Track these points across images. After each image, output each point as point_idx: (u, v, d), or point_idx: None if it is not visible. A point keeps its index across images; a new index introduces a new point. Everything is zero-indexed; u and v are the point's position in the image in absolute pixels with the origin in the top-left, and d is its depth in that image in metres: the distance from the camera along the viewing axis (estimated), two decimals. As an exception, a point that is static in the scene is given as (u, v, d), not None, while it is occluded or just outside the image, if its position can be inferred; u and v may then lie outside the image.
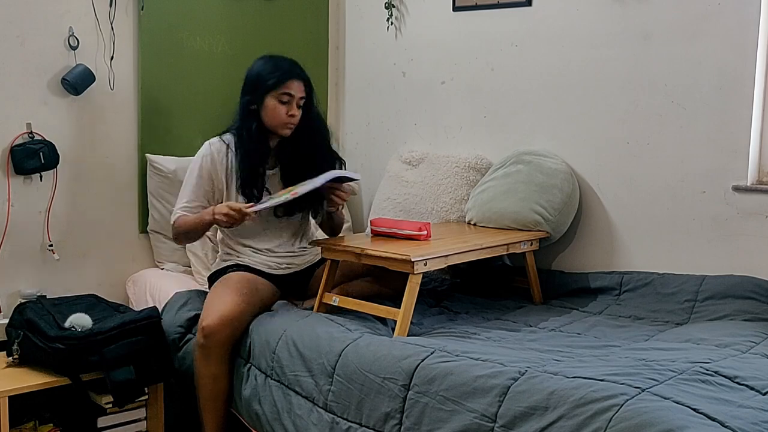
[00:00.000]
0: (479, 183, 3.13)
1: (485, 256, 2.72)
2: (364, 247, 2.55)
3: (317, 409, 2.28)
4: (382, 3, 3.60)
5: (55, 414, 2.81)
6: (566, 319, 2.64)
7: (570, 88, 3.04)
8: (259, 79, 2.73)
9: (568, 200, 2.93)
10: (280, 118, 2.72)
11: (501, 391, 1.90)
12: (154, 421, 2.87)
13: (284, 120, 2.72)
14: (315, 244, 2.78)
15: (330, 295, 2.64)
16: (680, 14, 2.74)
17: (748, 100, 2.63)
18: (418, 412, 2.02)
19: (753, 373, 1.93)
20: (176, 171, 3.22)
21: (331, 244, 2.66)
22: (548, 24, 3.08)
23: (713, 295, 2.61)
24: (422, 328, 2.57)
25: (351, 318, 2.54)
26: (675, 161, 2.79)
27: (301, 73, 2.76)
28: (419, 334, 2.47)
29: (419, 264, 2.43)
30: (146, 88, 3.22)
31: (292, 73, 2.73)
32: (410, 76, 3.57)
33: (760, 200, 2.62)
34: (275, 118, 2.72)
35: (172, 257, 3.28)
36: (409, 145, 3.52)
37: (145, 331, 2.71)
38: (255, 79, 2.74)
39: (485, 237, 2.79)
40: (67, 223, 3.07)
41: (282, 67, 2.74)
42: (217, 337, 2.53)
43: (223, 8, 3.42)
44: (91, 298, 3.01)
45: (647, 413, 1.66)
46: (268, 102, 2.71)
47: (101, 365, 2.61)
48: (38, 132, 2.94)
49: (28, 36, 2.92)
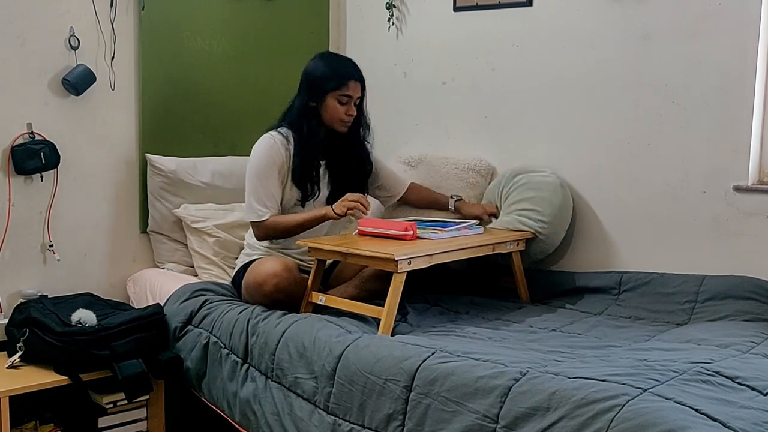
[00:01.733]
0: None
1: (470, 255, 2.73)
2: (349, 247, 2.57)
3: (318, 411, 2.28)
4: (382, 3, 3.60)
5: (55, 414, 2.81)
6: (567, 320, 2.64)
7: (570, 89, 3.04)
8: (320, 80, 2.88)
9: (558, 212, 2.93)
10: (339, 117, 2.89)
11: (503, 392, 1.90)
12: (155, 421, 2.87)
13: (343, 119, 2.90)
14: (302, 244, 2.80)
15: (317, 295, 2.67)
16: (680, 14, 2.75)
17: (748, 100, 2.63)
18: (420, 414, 2.02)
19: (754, 374, 1.93)
20: (176, 171, 3.22)
21: (317, 244, 2.69)
22: (549, 24, 3.08)
23: (714, 296, 2.61)
24: (422, 328, 2.57)
25: (350, 319, 2.54)
26: (675, 161, 2.79)
27: (359, 73, 2.92)
28: (419, 334, 2.47)
29: (403, 263, 2.45)
30: (147, 88, 3.22)
31: (352, 75, 2.89)
32: (411, 77, 3.57)
33: (761, 200, 2.63)
34: (334, 116, 2.89)
35: (172, 257, 3.28)
36: (410, 145, 3.52)
37: (152, 327, 2.78)
38: (315, 78, 2.89)
39: (471, 237, 2.80)
40: (68, 223, 3.07)
41: (342, 69, 2.90)
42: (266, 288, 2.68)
43: (224, 8, 3.42)
44: (89, 297, 3.03)
45: (649, 413, 1.66)
46: (329, 101, 2.88)
47: (111, 359, 2.65)
48: (39, 132, 2.94)
49: (28, 36, 2.91)
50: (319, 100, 2.88)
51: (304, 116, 2.89)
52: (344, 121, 2.91)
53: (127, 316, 2.77)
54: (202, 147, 3.37)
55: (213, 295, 2.89)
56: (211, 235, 3.17)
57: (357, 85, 2.90)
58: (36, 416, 2.76)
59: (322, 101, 2.88)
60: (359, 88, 2.91)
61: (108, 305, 2.96)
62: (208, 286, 2.97)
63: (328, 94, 2.87)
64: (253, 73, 3.52)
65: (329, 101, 2.88)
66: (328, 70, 2.88)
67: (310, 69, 2.93)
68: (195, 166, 3.29)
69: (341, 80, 2.86)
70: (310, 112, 2.90)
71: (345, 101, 2.88)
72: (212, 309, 2.78)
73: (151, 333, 2.77)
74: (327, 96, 2.87)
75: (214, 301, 2.83)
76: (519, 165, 3.11)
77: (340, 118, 2.89)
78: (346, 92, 2.87)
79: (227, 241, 3.18)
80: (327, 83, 2.86)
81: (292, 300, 2.72)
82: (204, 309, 2.80)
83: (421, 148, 3.45)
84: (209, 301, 2.83)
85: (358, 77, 2.91)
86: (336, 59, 2.99)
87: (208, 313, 2.77)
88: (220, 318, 2.71)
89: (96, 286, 3.14)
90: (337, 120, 2.90)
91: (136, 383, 2.67)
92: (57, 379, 2.63)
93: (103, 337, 2.66)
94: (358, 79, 2.90)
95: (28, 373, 2.66)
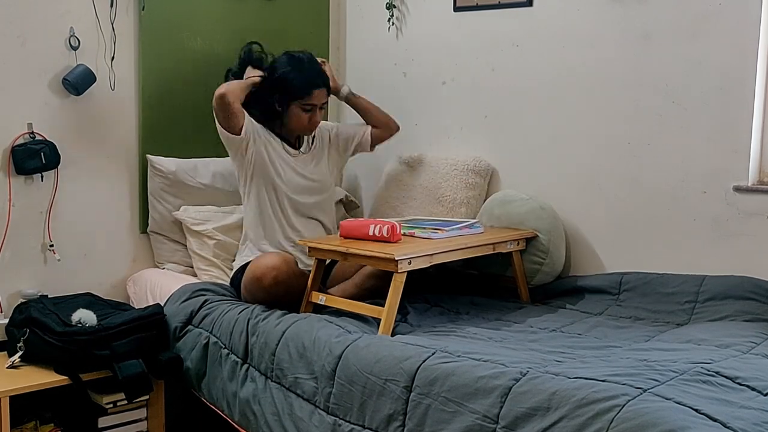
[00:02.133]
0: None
1: (470, 255, 2.73)
2: (349, 247, 2.57)
3: (318, 412, 2.28)
4: (382, 3, 3.60)
5: (55, 414, 2.81)
6: (567, 320, 2.64)
7: (570, 89, 3.04)
8: (284, 86, 2.90)
9: (549, 237, 2.92)
10: (302, 125, 2.97)
11: (503, 392, 1.90)
12: (155, 421, 2.87)
13: (306, 126, 2.95)
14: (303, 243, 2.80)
15: (317, 294, 2.67)
16: (680, 14, 2.74)
17: (748, 100, 2.63)
18: (420, 414, 2.02)
19: (754, 374, 1.93)
20: (176, 172, 3.22)
21: (317, 244, 2.68)
22: (549, 24, 3.08)
23: (714, 296, 2.61)
24: (423, 329, 2.57)
25: (350, 319, 2.54)
26: (675, 161, 2.79)
27: (322, 78, 2.93)
28: (420, 334, 2.47)
29: (403, 263, 2.44)
30: (147, 88, 3.22)
31: (317, 84, 2.91)
32: (411, 77, 3.57)
33: (761, 200, 2.62)
34: (298, 124, 2.96)
35: (172, 257, 3.28)
36: (409, 145, 3.52)
37: (152, 327, 2.79)
38: (280, 83, 2.91)
39: (471, 237, 2.80)
40: (68, 223, 3.07)
41: (306, 77, 2.91)
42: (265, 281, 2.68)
43: (224, 8, 3.42)
44: (89, 297, 3.03)
45: (649, 414, 1.66)
46: (293, 109, 2.92)
47: (111, 359, 2.65)
48: (39, 132, 2.94)
49: (28, 36, 2.91)
50: (283, 106, 2.94)
51: (269, 120, 2.96)
52: (308, 129, 2.99)
53: (127, 316, 2.77)
54: (202, 148, 3.37)
55: (213, 295, 2.90)
56: (210, 237, 3.17)
57: (322, 92, 2.93)
58: (36, 416, 2.76)
59: (286, 108, 2.94)
60: (324, 93, 2.94)
61: (108, 305, 2.96)
62: (208, 286, 2.98)
63: (292, 102, 2.91)
64: (253, 73, 3.52)
65: (293, 109, 2.92)
66: (293, 79, 2.90)
67: (276, 69, 2.95)
68: (195, 167, 3.29)
69: (306, 90, 2.90)
70: (275, 115, 2.96)
71: (309, 109, 2.91)
72: (212, 309, 2.78)
73: (151, 333, 2.77)
74: (291, 104, 2.92)
75: (214, 301, 2.84)
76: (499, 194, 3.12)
77: (304, 125, 2.96)
78: (311, 101, 2.90)
79: (227, 244, 3.18)
80: (291, 91, 2.89)
81: (292, 294, 2.72)
82: (204, 309, 2.80)
83: (420, 148, 3.45)
84: (209, 301, 2.84)
85: (323, 83, 2.93)
86: (301, 64, 2.96)
87: (208, 313, 2.77)
88: (220, 318, 2.71)
89: (96, 286, 3.14)
90: (301, 128, 2.98)
91: (136, 383, 2.68)
92: (57, 379, 2.63)
93: (104, 337, 2.67)
94: (323, 86, 2.93)
95: (28, 373, 2.66)
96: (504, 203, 3.03)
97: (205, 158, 3.35)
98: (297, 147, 3.07)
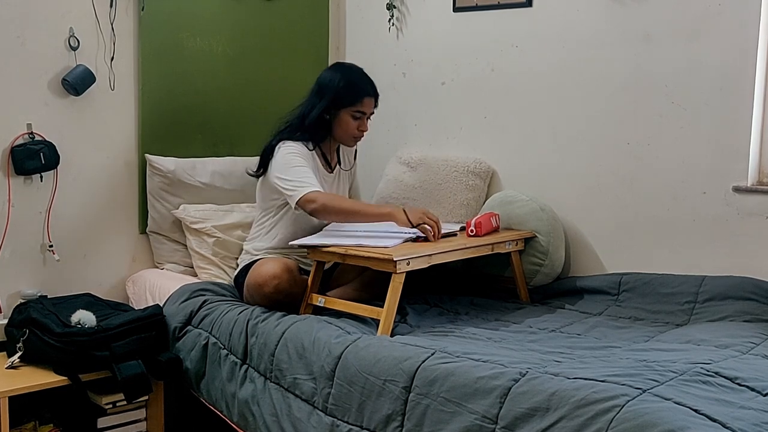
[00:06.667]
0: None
1: (469, 255, 2.72)
2: (348, 248, 2.57)
3: (317, 412, 2.28)
4: (382, 3, 3.59)
5: (55, 414, 2.81)
6: (566, 320, 2.64)
7: (570, 89, 3.04)
8: (336, 94, 2.88)
9: (548, 239, 2.92)
10: (351, 132, 2.93)
11: (502, 393, 1.90)
12: (154, 421, 2.87)
13: (355, 134, 2.95)
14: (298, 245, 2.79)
15: (317, 296, 2.67)
16: (680, 14, 2.75)
17: (748, 101, 2.63)
18: (419, 414, 2.02)
19: (753, 374, 1.93)
20: (176, 171, 3.22)
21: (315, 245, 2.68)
22: (548, 24, 3.08)
23: (713, 296, 2.61)
24: (422, 329, 2.57)
25: (350, 320, 2.54)
26: (675, 162, 2.79)
27: (374, 89, 2.94)
28: (419, 335, 2.47)
29: (401, 263, 2.44)
30: (146, 88, 3.22)
31: (368, 92, 2.91)
32: (410, 77, 3.57)
33: (761, 201, 2.62)
34: (347, 131, 2.93)
35: (172, 258, 3.28)
36: (409, 146, 3.52)
37: (151, 328, 2.78)
38: (332, 92, 2.89)
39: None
40: (68, 223, 3.07)
41: (360, 85, 2.91)
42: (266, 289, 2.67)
43: (223, 8, 3.42)
44: (89, 297, 3.03)
45: (648, 414, 1.66)
46: (342, 116, 2.91)
47: (111, 360, 2.65)
48: (39, 132, 2.94)
49: (28, 36, 2.91)
50: (333, 114, 2.90)
51: (318, 127, 2.91)
52: (356, 137, 2.96)
53: (126, 317, 2.77)
54: (201, 147, 3.37)
55: (212, 295, 2.89)
56: (210, 235, 3.17)
57: (371, 101, 2.93)
58: (35, 416, 2.76)
59: (335, 115, 2.90)
60: (373, 103, 2.94)
61: (107, 306, 2.96)
62: (207, 286, 2.97)
63: (342, 110, 2.89)
64: (252, 73, 3.52)
65: (343, 116, 2.90)
66: (345, 85, 2.89)
67: (327, 81, 2.93)
68: (194, 166, 3.29)
69: (357, 96, 2.89)
70: (324, 124, 2.91)
71: (359, 116, 2.91)
72: (212, 309, 2.78)
73: (150, 334, 2.77)
74: (341, 111, 2.89)
75: (214, 301, 2.83)
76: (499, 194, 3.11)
77: (353, 134, 2.93)
78: (361, 108, 2.89)
79: (226, 242, 3.18)
80: (343, 98, 2.88)
81: (293, 301, 2.72)
82: (203, 309, 2.80)
83: (420, 149, 3.45)
84: (209, 301, 2.83)
85: (374, 93, 2.94)
86: (353, 73, 2.96)
87: (208, 313, 2.77)
88: (219, 318, 2.71)
89: (95, 287, 3.14)
90: (350, 135, 2.94)
91: (136, 384, 2.68)
92: (56, 380, 2.63)
93: (103, 338, 2.66)
94: (373, 95, 2.93)
95: (27, 373, 2.66)
96: (504, 204, 3.03)
97: (204, 158, 3.35)
98: (331, 165, 3.04)
